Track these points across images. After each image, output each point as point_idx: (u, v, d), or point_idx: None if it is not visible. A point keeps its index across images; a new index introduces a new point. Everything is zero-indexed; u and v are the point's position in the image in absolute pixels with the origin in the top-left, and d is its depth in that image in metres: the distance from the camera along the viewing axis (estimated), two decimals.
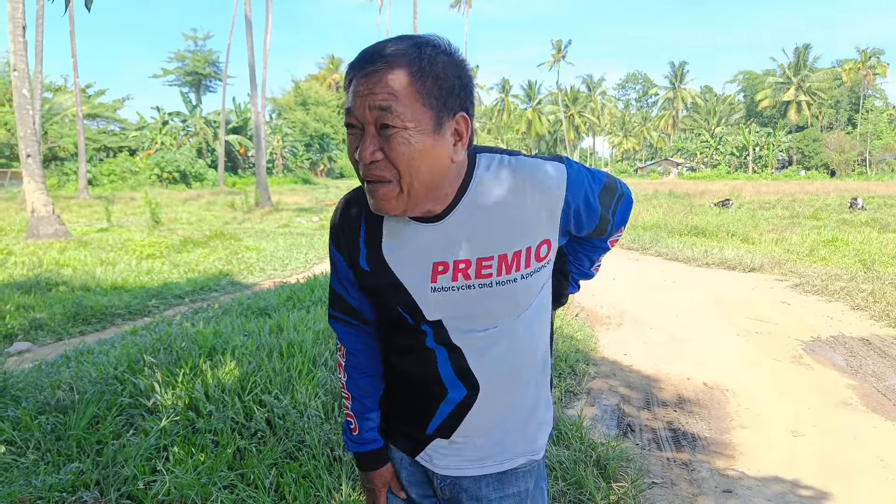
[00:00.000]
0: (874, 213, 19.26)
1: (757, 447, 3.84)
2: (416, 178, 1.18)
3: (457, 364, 1.35)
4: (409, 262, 1.32)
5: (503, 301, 1.32)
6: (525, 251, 1.30)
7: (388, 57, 1.16)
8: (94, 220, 20.72)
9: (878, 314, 7.00)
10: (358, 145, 1.19)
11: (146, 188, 37.35)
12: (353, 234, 1.38)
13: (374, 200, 1.22)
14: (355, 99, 1.17)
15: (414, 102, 1.15)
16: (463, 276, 1.29)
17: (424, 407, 1.41)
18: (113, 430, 3.27)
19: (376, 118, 1.15)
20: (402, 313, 1.35)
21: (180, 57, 65.45)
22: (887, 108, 75.32)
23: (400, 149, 1.16)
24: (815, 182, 47.15)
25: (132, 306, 7.56)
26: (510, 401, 1.42)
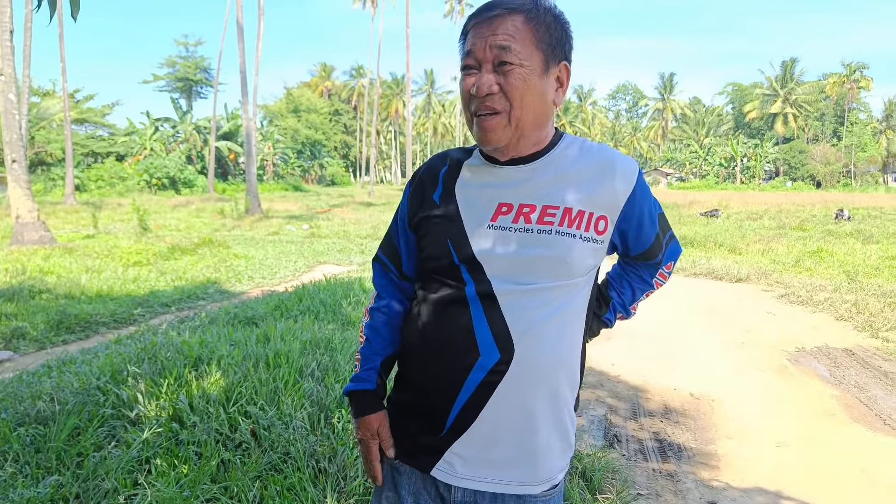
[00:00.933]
0: (858, 224, 19.44)
1: (742, 458, 3.85)
2: (524, 112, 1.32)
3: (493, 320, 1.34)
4: (475, 198, 1.40)
5: (556, 254, 1.33)
6: (588, 215, 1.35)
7: (509, 4, 1.31)
8: (81, 226, 20.57)
9: (861, 325, 7.05)
10: (474, 82, 1.31)
11: (134, 194, 37.20)
12: (435, 171, 1.48)
13: (483, 131, 1.33)
14: (476, 39, 1.31)
15: (529, 44, 1.30)
16: (524, 219, 1.34)
17: (451, 380, 1.37)
18: (94, 442, 3.24)
19: (495, 56, 1.29)
20: (450, 248, 1.37)
21: (171, 63, 65.34)
22: (871, 120, 76.15)
23: (516, 83, 1.29)
24: (802, 193, 47.53)
25: (117, 315, 7.50)
26: (541, 385, 1.36)
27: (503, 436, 1.37)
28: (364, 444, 1.53)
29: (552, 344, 1.36)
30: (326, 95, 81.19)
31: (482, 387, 1.35)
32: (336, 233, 19.72)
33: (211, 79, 62.88)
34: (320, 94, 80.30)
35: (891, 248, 13.89)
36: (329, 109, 77.04)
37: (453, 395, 1.37)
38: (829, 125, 79.90)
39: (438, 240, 1.40)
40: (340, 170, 73.66)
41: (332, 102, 79.78)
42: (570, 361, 1.42)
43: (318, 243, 16.56)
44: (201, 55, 66.10)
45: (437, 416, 1.40)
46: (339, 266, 12.38)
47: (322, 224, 22.37)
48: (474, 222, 1.37)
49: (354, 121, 79.25)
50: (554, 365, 1.37)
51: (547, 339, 1.35)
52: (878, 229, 17.42)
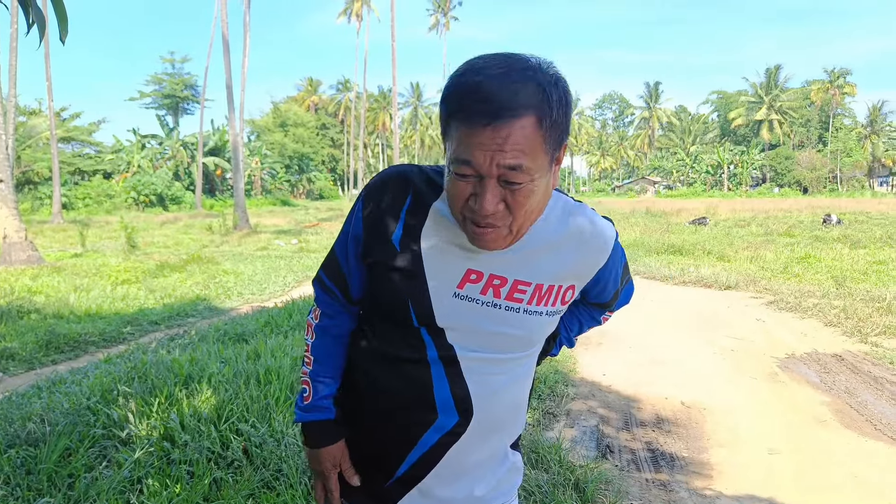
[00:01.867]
0: (845, 229, 19.59)
1: (734, 466, 3.87)
2: (528, 219, 1.18)
3: (455, 383, 1.28)
4: (442, 258, 1.26)
5: (521, 331, 1.29)
6: (557, 289, 1.30)
7: (519, 108, 1.06)
8: (69, 244, 20.45)
9: (850, 330, 7.10)
10: (472, 192, 1.13)
11: (122, 212, 37.02)
12: (395, 204, 1.29)
13: (481, 241, 1.18)
14: (477, 151, 1.08)
15: (539, 153, 1.10)
16: (493, 292, 1.26)
17: (405, 437, 1.32)
18: (85, 463, 3.21)
19: (502, 174, 1.09)
20: (409, 309, 1.26)
21: (157, 80, 65.23)
22: (856, 126, 76.99)
23: (524, 200, 1.13)
24: (789, 199, 47.90)
25: (106, 333, 7.46)
26: (495, 442, 1.38)
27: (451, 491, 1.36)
28: (323, 476, 1.44)
29: (510, 405, 1.37)
30: (313, 110, 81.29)
31: (437, 447, 1.32)
32: (325, 247, 19.68)
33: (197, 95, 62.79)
34: (307, 108, 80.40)
35: (878, 252, 14.02)
36: (316, 123, 77.14)
37: (405, 451, 1.33)
38: (815, 131, 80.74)
39: (396, 296, 1.28)
40: (328, 183, 73.70)
41: (319, 116, 79.90)
42: (522, 412, 1.44)
43: (307, 258, 16.54)
44: (188, 72, 66.07)
45: (385, 465, 1.37)
46: None
47: (311, 238, 22.33)
48: (439, 286, 1.25)
49: (342, 134, 79.34)
50: (510, 422, 1.39)
51: (506, 402, 1.35)
52: (864, 234, 17.58)
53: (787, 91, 79.51)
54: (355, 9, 55.75)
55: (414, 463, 1.33)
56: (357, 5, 55.47)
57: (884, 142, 70.03)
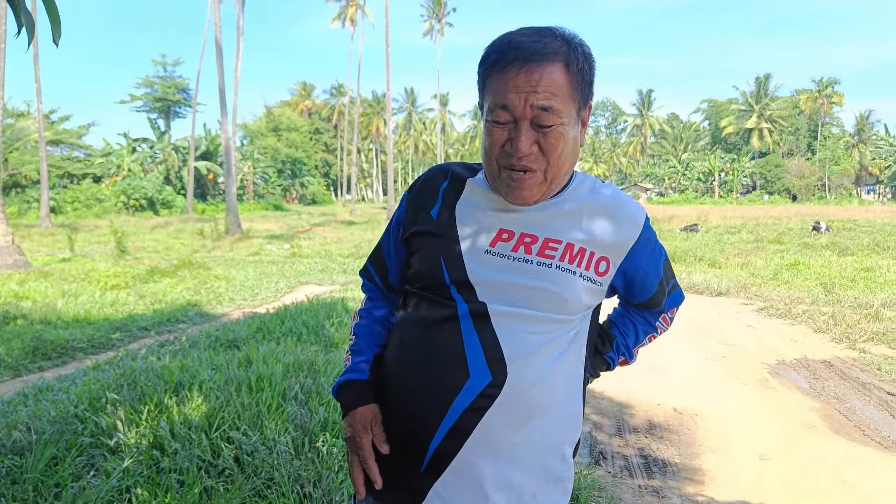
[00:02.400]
0: (833, 236, 19.72)
1: (725, 472, 3.87)
2: (560, 167, 1.25)
3: (485, 340, 1.26)
4: (476, 219, 1.33)
5: (553, 288, 1.27)
6: (590, 254, 1.31)
7: (549, 54, 1.20)
8: (57, 249, 20.32)
9: (839, 336, 7.14)
10: (507, 137, 1.23)
11: (112, 216, 36.86)
12: (434, 185, 1.41)
13: (516, 190, 1.26)
14: (513, 94, 1.20)
15: (568, 98, 1.22)
16: (525, 248, 1.29)
17: (436, 402, 1.27)
18: (73, 472, 3.18)
19: (535, 115, 1.20)
20: (442, 266, 1.30)
21: (149, 83, 64.97)
22: (844, 135, 77.64)
23: (556, 143, 1.22)
24: (778, 206, 48.21)
25: (95, 340, 7.40)
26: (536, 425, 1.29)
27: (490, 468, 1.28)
28: (355, 442, 1.40)
29: (547, 374, 1.29)
30: (307, 114, 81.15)
31: (469, 412, 1.26)
32: (318, 252, 19.64)
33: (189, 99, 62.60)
34: (300, 112, 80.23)
35: (865, 259, 14.12)
36: (309, 128, 77.06)
37: (437, 421, 1.27)
38: (804, 139, 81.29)
39: (431, 257, 1.33)
40: (321, 188, 73.60)
41: (312, 121, 79.79)
42: (568, 398, 1.35)
43: (299, 263, 16.48)
44: (180, 75, 65.82)
45: (416, 446, 1.31)
46: (321, 286, 12.32)
47: (303, 243, 22.28)
48: (471, 244, 1.31)
49: (335, 139, 79.27)
50: (548, 397, 1.30)
51: (541, 368, 1.28)
52: (852, 241, 17.70)
53: (776, 100, 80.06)
54: (349, 14, 55.74)
55: (447, 434, 1.27)
56: (351, 10, 55.48)
57: (871, 150, 70.54)
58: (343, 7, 56.04)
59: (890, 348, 6.66)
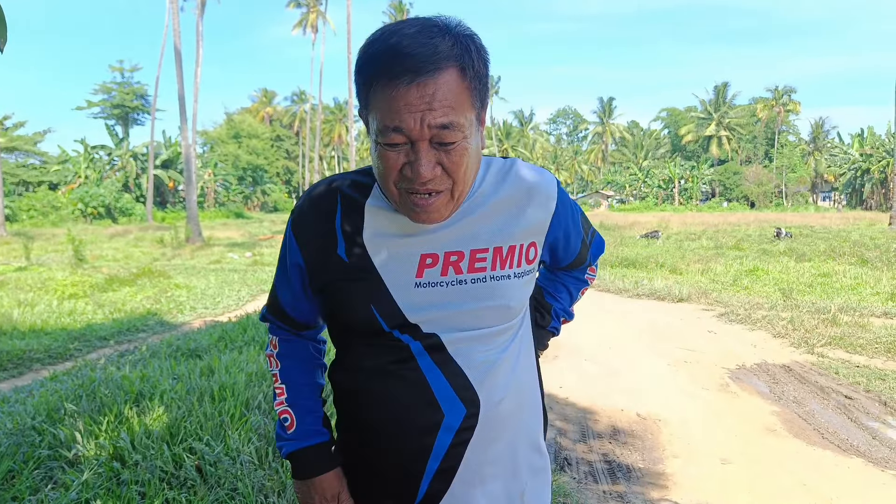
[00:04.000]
0: (791, 242, 20.17)
1: (689, 476, 3.92)
2: (467, 182, 1.13)
3: (449, 372, 1.19)
4: (391, 252, 1.19)
5: (495, 301, 1.21)
6: (518, 248, 1.23)
7: (441, 60, 1.03)
8: (12, 258, 19.78)
9: (798, 341, 7.30)
10: (405, 161, 1.07)
11: (69, 224, 36.06)
12: (327, 218, 1.22)
13: (422, 214, 1.12)
14: (405, 115, 1.03)
15: (468, 108, 1.07)
16: (454, 269, 1.18)
17: (417, 448, 1.21)
18: (30, 486, 3.10)
19: (434, 135, 1.04)
20: (375, 315, 1.18)
21: (106, 89, 63.78)
22: (800, 143, 79.64)
23: (461, 160, 1.08)
24: (737, 213, 49.21)
25: (52, 350, 7.22)
26: (514, 430, 1.28)
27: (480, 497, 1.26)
28: None
29: (513, 384, 1.27)
30: (268, 121, 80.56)
31: (453, 449, 1.21)
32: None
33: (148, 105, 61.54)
34: (261, 119, 79.63)
35: (822, 265, 14.46)
36: (271, 135, 76.46)
37: (421, 465, 1.22)
38: (761, 147, 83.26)
39: (360, 306, 1.19)
40: (283, 196, 73.03)
41: (273, 128, 79.20)
42: (532, 393, 1.35)
43: (261, 271, 16.30)
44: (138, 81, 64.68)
45: (405, 490, 1.25)
46: None
47: (265, 251, 22.04)
48: (397, 282, 1.18)
49: (297, 146, 78.77)
50: (517, 402, 1.28)
51: (506, 380, 1.25)
52: (809, 247, 18.13)
53: (734, 108, 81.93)
54: (311, 20, 55.53)
55: (434, 475, 1.22)
56: (312, 17, 55.28)
57: (826, 158, 72.53)
58: (304, 14, 55.83)
59: (847, 352, 6.83)
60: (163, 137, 56.34)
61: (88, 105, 64.23)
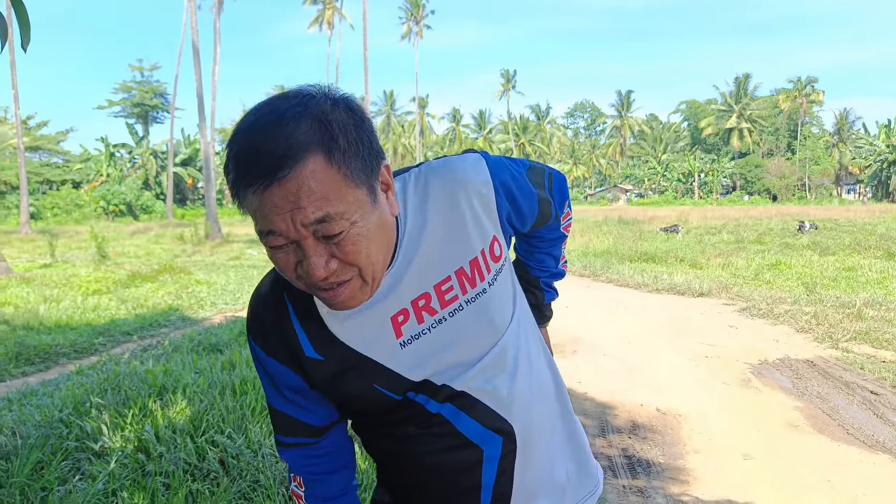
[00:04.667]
0: (814, 236, 19.94)
1: (710, 472, 3.91)
2: (375, 263, 1.00)
3: (477, 413, 1.13)
4: (363, 327, 1.10)
5: (479, 322, 1.12)
6: (480, 256, 1.12)
7: (299, 152, 0.89)
8: (37, 255, 20.09)
9: (822, 336, 7.22)
10: (296, 260, 0.96)
11: (92, 221, 36.48)
12: (282, 322, 1.12)
13: (336, 303, 1.02)
14: (275, 218, 0.91)
15: (346, 192, 0.93)
16: (428, 313, 1.10)
17: (467, 484, 1.17)
18: (58, 476, 3.16)
19: (314, 232, 0.93)
20: (380, 391, 1.11)
21: (126, 88, 64.44)
22: (823, 134, 78.55)
23: (356, 247, 0.96)
24: (759, 207, 48.70)
25: (78, 345, 7.34)
26: (550, 428, 1.24)
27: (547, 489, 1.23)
28: None
29: (531, 385, 1.20)
30: None
31: (501, 476, 1.17)
32: None
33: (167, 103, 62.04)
34: None
35: (846, 259, 14.29)
36: None
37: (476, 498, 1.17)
38: (784, 139, 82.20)
39: (361, 392, 1.12)
40: None
41: None
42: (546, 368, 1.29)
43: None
44: (157, 80, 65.28)
45: None
46: None
47: None
48: (385, 353, 1.10)
49: None
50: (547, 405, 1.25)
51: (526, 388, 1.19)
52: (833, 241, 17.90)
53: (756, 100, 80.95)
54: (327, 17, 55.57)
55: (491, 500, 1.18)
56: (329, 13, 55.34)
57: (850, 150, 71.54)
58: (320, 10, 55.91)
59: (873, 347, 6.75)
60: (182, 135, 56.82)
61: (109, 104, 64.97)
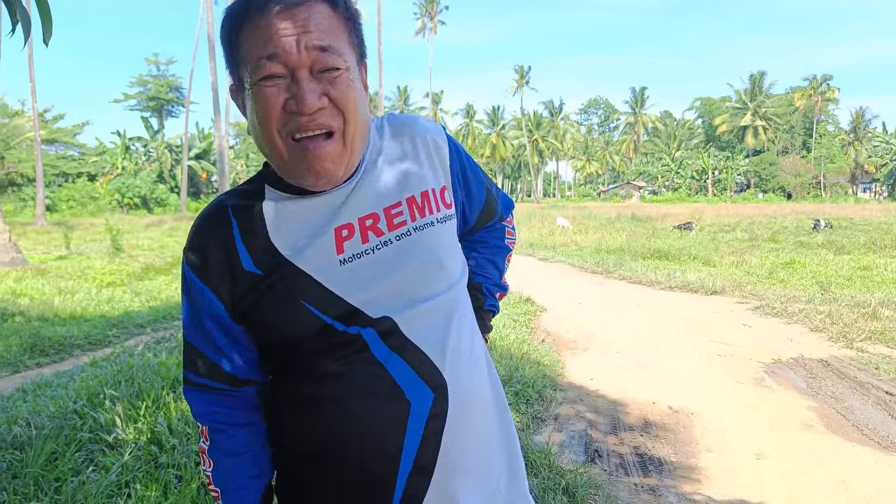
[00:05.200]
0: (829, 235, 19.77)
1: (722, 471, 3.88)
2: (358, 127, 1.03)
3: (408, 355, 1.06)
4: (303, 238, 1.06)
5: (428, 255, 1.10)
6: (431, 192, 1.15)
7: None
8: (53, 247, 20.27)
9: (836, 335, 7.16)
10: (288, 96, 0.98)
11: (106, 214, 36.77)
12: (225, 237, 1.08)
13: (316, 162, 1.01)
14: (280, 39, 0.96)
15: (344, 40, 1.02)
16: (374, 232, 1.08)
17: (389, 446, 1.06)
18: (72, 467, 3.18)
19: (314, 60, 0.98)
20: (308, 309, 1.04)
21: (142, 82, 64.75)
22: (839, 132, 77.82)
23: (347, 91, 1.01)
24: (773, 205, 48.36)
25: (92, 336, 7.39)
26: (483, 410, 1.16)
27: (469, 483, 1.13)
28: None
29: (473, 359, 1.16)
30: None
31: (425, 441, 1.07)
32: None
33: (183, 97, 62.37)
34: None
35: (862, 258, 14.16)
36: None
37: (396, 464, 1.06)
38: (799, 137, 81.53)
39: (288, 309, 1.04)
40: None
41: None
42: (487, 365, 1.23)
43: None
44: (173, 73, 65.73)
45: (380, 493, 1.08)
46: None
47: None
48: (320, 266, 1.05)
49: None
50: (482, 379, 1.18)
51: (468, 361, 1.14)
52: (848, 240, 17.75)
53: (771, 97, 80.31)
54: None
55: (412, 470, 1.07)
56: None
57: (866, 148, 70.83)
58: None
59: (888, 347, 6.69)
60: (196, 129, 57.10)
61: (125, 98, 65.30)
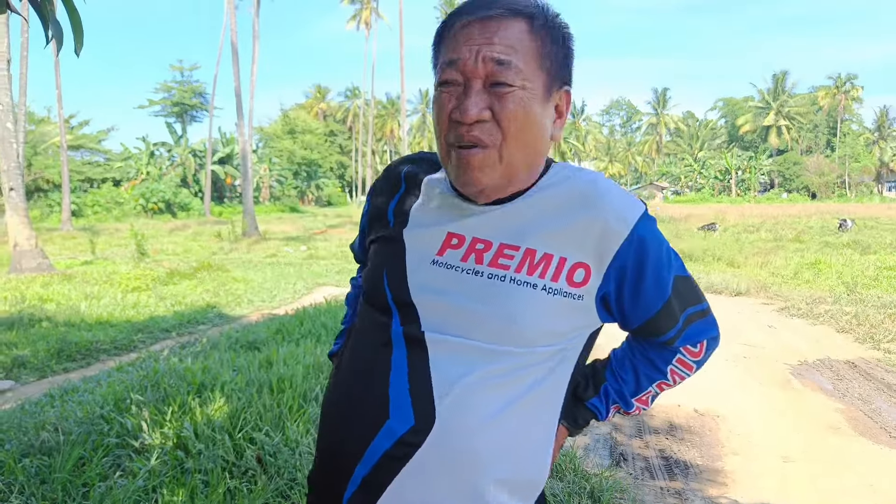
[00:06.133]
0: (855, 234, 19.49)
1: (749, 474, 3.84)
2: (519, 147, 1.02)
3: (415, 374, 1.04)
4: (425, 225, 1.13)
5: (502, 307, 1.03)
6: (559, 260, 1.04)
7: (511, 4, 1.02)
8: (79, 252, 20.54)
9: (863, 336, 7.06)
10: (457, 104, 1.01)
11: (131, 219, 37.18)
12: (393, 185, 1.24)
13: (467, 169, 1.02)
14: (463, 47, 1.01)
15: (532, 61, 1.01)
16: (476, 257, 1.06)
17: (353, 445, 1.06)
18: (99, 472, 3.22)
19: (489, 73, 0.99)
20: (384, 282, 1.12)
21: (167, 88, 65.45)
22: (864, 131, 76.72)
23: (514, 110, 1.00)
24: (797, 205, 47.71)
25: (118, 341, 7.48)
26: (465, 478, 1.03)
27: None
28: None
29: (491, 423, 1.03)
30: (322, 117, 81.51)
31: (385, 460, 1.03)
32: (334, 254, 19.72)
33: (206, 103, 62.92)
34: (315, 115, 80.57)
35: (888, 258, 13.95)
36: (324, 130, 77.31)
37: (351, 467, 1.06)
38: (823, 136, 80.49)
39: (375, 269, 1.16)
40: (336, 190, 73.85)
41: (327, 123, 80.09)
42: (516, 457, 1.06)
43: (316, 265, 16.55)
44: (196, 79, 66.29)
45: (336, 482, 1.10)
46: (338, 287, 12.37)
47: (320, 245, 22.37)
48: (418, 254, 1.11)
49: (350, 141, 79.57)
50: (488, 454, 1.03)
51: (482, 414, 1.02)
52: (874, 239, 17.50)
53: (794, 96, 79.38)
54: (364, 16, 55.94)
55: (359, 485, 1.06)
56: (366, 13, 55.68)
57: (892, 147, 69.69)
58: (358, 9, 56.24)
59: None
60: (219, 134, 57.64)
61: (150, 103, 66.07)
